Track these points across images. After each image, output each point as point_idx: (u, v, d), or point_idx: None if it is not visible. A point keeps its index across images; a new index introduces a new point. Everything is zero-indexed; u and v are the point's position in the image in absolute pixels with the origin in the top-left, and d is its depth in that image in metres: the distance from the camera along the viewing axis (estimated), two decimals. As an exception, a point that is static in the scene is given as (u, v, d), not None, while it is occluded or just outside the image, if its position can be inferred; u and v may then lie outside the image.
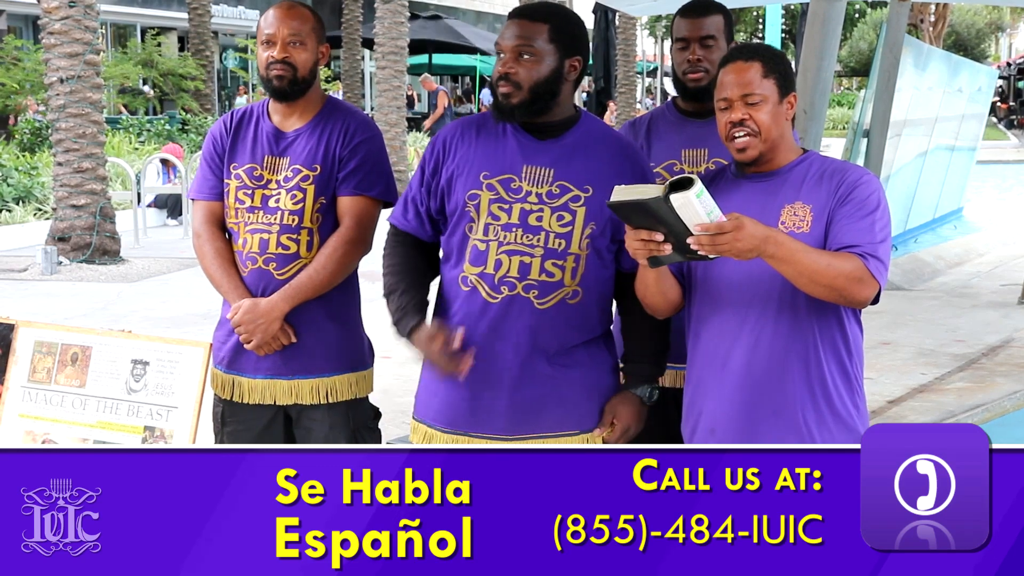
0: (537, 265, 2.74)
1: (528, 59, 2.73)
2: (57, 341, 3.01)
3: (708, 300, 2.76)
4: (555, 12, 2.80)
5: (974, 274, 10.51)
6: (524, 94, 2.73)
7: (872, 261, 2.61)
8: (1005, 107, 40.22)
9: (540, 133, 2.80)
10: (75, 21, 11.19)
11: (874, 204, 2.67)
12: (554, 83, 2.76)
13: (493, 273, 2.75)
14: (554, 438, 2.79)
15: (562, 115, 2.81)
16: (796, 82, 2.81)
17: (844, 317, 2.73)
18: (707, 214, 2.43)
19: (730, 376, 2.73)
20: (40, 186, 14.05)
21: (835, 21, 6.16)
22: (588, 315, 2.82)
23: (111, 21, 27.23)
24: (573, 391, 2.81)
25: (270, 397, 3.22)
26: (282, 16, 3.17)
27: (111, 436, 2.92)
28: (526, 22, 2.76)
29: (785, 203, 2.71)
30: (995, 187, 19.27)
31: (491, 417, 2.78)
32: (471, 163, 2.79)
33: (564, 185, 2.76)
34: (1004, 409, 6.31)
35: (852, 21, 41.58)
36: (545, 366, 2.77)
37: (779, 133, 2.71)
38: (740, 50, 2.78)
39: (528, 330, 2.75)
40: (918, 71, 11.97)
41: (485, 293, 2.75)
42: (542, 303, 2.75)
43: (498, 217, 2.75)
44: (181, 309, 9.15)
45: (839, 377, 2.73)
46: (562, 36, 2.77)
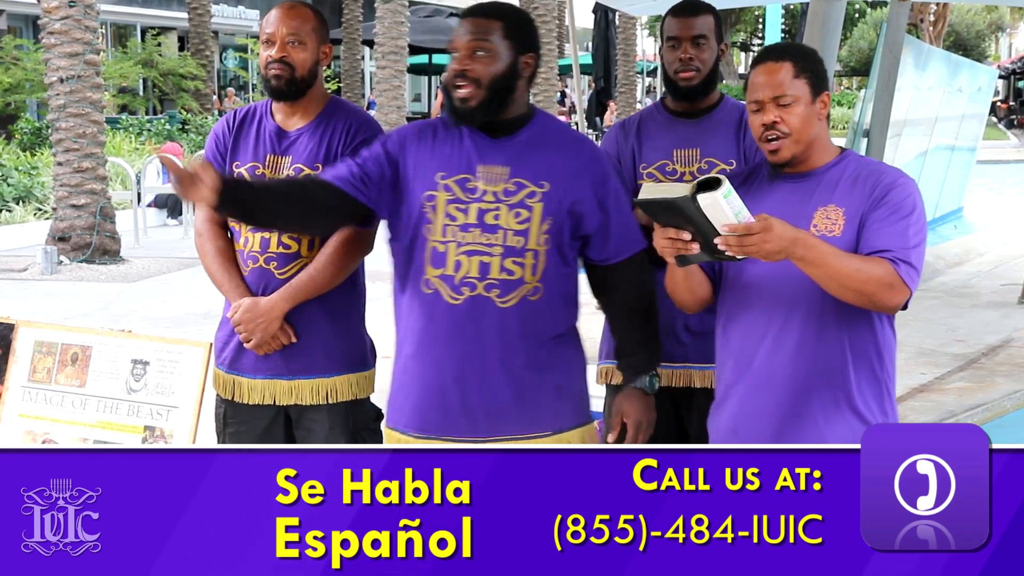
0: (497, 264, 2.74)
1: (483, 56, 2.74)
2: (57, 341, 3.01)
3: (738, 299, 2.74)
4: (508, 10, 2.81)
5: (974, 274, 10.51)
6: (483, 92, 2.73)
7: (903, 267, 2.56)
8: (1005, 107, 40.23)
9: (494, 131, 2.79)
10: (75, 21, 11.20)
11: (909, 208, 2.62)
12: (510, 79, 2.77)
13: (454, 274, 2.74)
14: (525, 439, 2.78)
15: (516, 112, 2.81)
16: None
17: (876, 322, 2.69)
18: (735, 215, 2.42)
19: (755, 378, 2.71)
20: (40, 186, 14.06)
21: (835, 21, 6.15)
22: (552, 311, 2.81)
23: (111, 21, 27.22)
24: (543, 391, 2.80)
25: (270, 397, 3.22)
26: (282, 16, 3.17)
27: (111, 436, 2.92)
28: (479, 20, 2.77)
29: (819, 205, 2.67)
30: (995, 187, 19.26)
31: (461, 420, 2.77)
32: (426, 165, 2.79)
33: (520, 182, 2.76)
34: (1004, 409, 6.31)
35: (852, 21, 41.55)
36: (513, 365, 2.77)
37: (812, 133, 2.67)
38: (771, 50, 2.73)
39: (492, 330, 2.74)
40: (918, 71, 11.97)
41: (447, 295, 2.75)
42: (504, 301, 2.74)
43: (455, 218, 2.75)
44: (181, 309, 9.15)
45: (868, 384, 2.69)
46: (516, 33, 2.78)
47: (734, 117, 3.41)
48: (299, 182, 2.83)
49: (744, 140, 3.36)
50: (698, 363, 3.41)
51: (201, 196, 2.58)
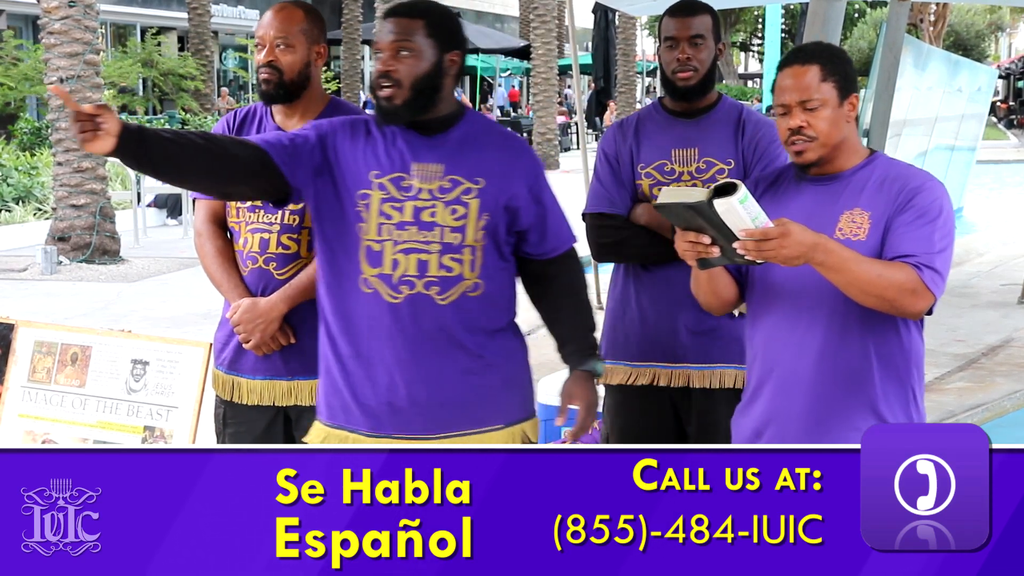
0: (435, 261, 2.73)
1: (407, 56, 2.72)
2: (57, 341, 3.01)
3: (763, 302, 2.73)
4: (430, 7, 2.79)
5: (974, 274, 10.50)
6: (406, 92, 2.71)
7: (927, 272, 2.54)
8: (1005, 107, 40.23)
9: (426, 130, 2.78)
10: (75, 21, 11.20)
11: (935, 212, 2.60)
12: (435, 78, 2.75)
13: (391, 273, 2.73)
14: (479, 434, 2.78)
15: (446, 110, 2.80)
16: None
17: (902, 327, 2.66)
18: (752, 220, 2.42)
19: (777, 382, 2.70)
20: (40, 186, 14.06)
21: (835, 21, 6.16)
22: (492, 306, 2.81)
23: (111, 21, 27.21)
24: (490, 385, 2.80)
25: (269, 398, 3.22)
26: (270, 18, 3.16)
27: (111, 436, 2.93)
28: (402, 19, 2.74)
29: (844, 209, 2.64)
30: (995, 187, 19.26)
31: (412, 418, 2.76)
32: (358, 163, 2.76)
33: (455, 179, 2.75)
34: (1004, 409, 6.31)
35: (852, 21, 41.54)
36: (457, 362, 2.76)
37: (840, 136, 2.64)
38: (798, 53, 2.70)
39: (434, 327, 2.74)
40: (918, 71, 11.98)
41: (386, 294, 2.74)
42: (443, 298, 2.74)
43: (391, 216, 2.73)
44: (181, 309, 9.15)
45: (893, 389, 2.67)
46: (439, 31, 2.76)
47: (732, 117, 3.42)
48: (220, 138, 2.70)
49: (742, 139, 3.37)
50: (697, 363, 3.41)
51: (98, 145, 2.43)
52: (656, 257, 3.39)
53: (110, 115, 2.44)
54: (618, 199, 3.42)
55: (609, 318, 3.55)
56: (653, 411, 3.47)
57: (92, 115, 2.41)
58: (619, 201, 3.42)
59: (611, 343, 3.52)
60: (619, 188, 3.43)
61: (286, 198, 2.78)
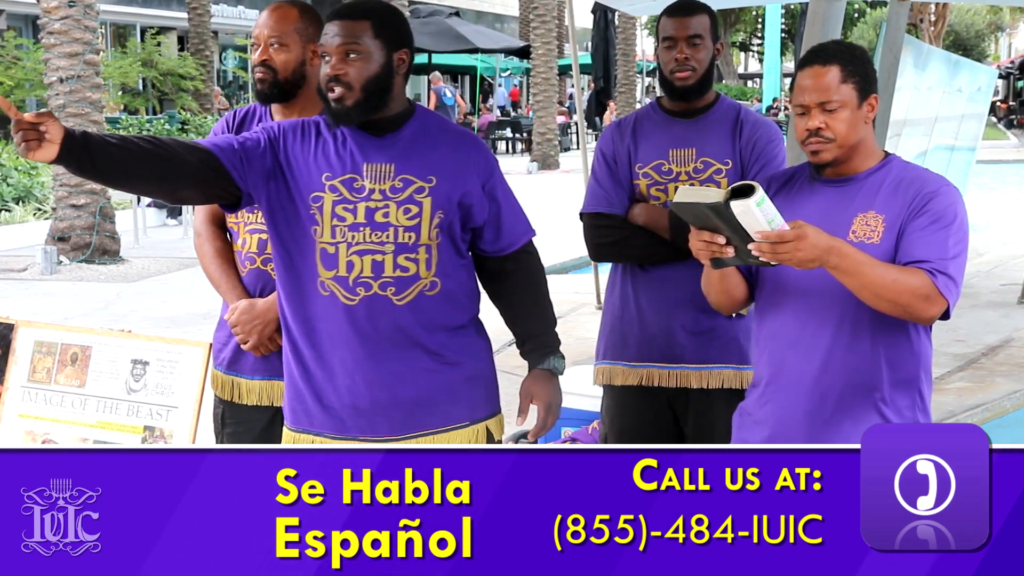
0: (390, 262, 2.72)
1: (356, 58, 2.70)
2: (57, 341, 3.01)
3: (773, 302, 2.72)
4: (375, 7, 2.77)
5: (974, 274, 10.49)
6: (357, 93, 2.70)
7: (941, 278, 2.53)
8: (1005, 107, 40.21)
9: (377, 130, 2.77)
10: (75, 21, 11.20)
11: (950, 217, 2.58)
12: (385, 78, 2.74)
13: (347, 275, 2.72)
14: (444, 433, 2.78)
15: (397, 109, 2.79)
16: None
17: (913, 332, 2.65)
18: (768, 222, 2.42)
19: (784, 383, 2.70)
20: (40, 186, 14.06)
21: (835, 21, 6.15)
22: (451, 304, 2.80)
23: (111, 21, 27.21)
24: (453, 383, 2.79)
25: (268, 398, 3.22)
26: (265, 18, 3.16)
27: (111, 436, 2.92)
28: (347, 21, 2.72)
29: (859, 211, 2.63)
30: (995, 187, 19.26)
31: (377, 419, 2.76)
32: (309, 166, 2.75)
33: (407, 179, 2.74)
34: (1004, 409, 6.31)
35: (852, 21, 41.54)
36: (418, 362, 2.76)
37: (857, 138, 2.63)
38: (818, 53, 2.66)
39: (392, 328, 2.73)
40: (918, 71, 11.97)
41: (343, 296, 2.73)
42: (401, 299, 2.73)
43: (344, 218, 2.72)
44: (181, 309, 9.15)
45: (902, 394, 2.66)
46: (386, 30, 2.74)
47: (730, 117, 3.41)
48: (168, 142, 2.64)
49: (740, 140, 3.37)
50: (694, 364, 3.41)
51: (41, 153, 2.37)
52: (654, 257, 3.39)
53: (53, 122, 2.39)
54: (616, 199, 3.42)
55: (607, 318, 3.55)
56: (651, 411, 3.47)
57: (34, 123, 2.37)
58: (617, 201, 3.42)
59: (609, 343, 3.52)
60: (617, 188, 3.43)
61: (237, 202, 2.76)
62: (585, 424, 4.62)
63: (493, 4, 42.84)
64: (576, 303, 8.69)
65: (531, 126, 25.01)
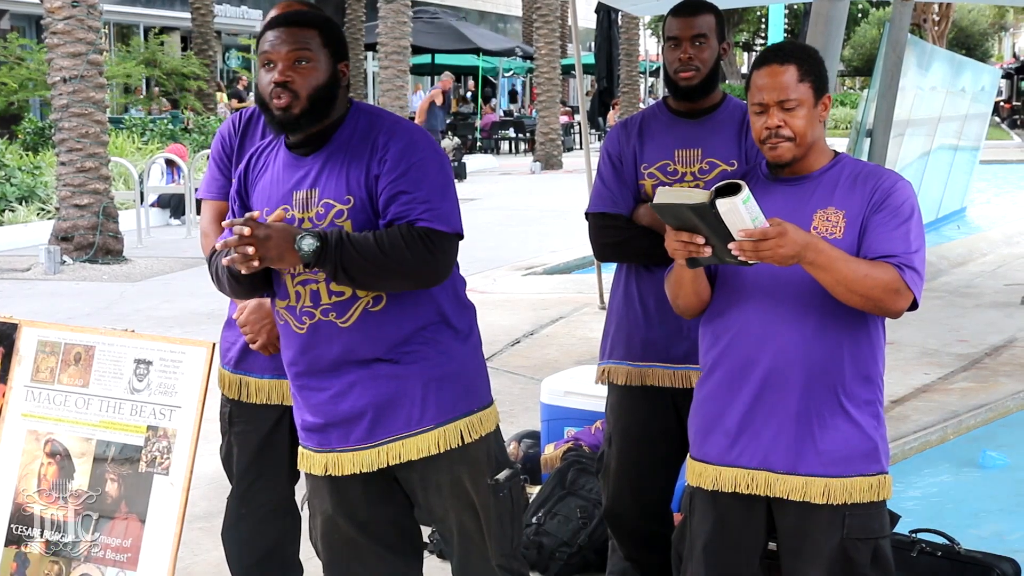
0: (324, 289, 2.69)
1: (305, 66, 2.64)
2: (60, 341, 3.01)
3: (732, 298, 2.73)
4: (320, 17, 2.72)
5: (977, 274, 10.49)
6: (303, 102, 2.64)
7: (908, 272, 2.57)
8: (1008, 107, 40.18)
9: (303, 148, 2.73)
10: (78, 21, 11.21)
11: (908, 212, 2.63)
12: (331, 88, 2.68)
13: (295, 305, 2.73)
14: (413, 437, 2.73)
15: (330, 119, 2.72)
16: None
17: (871, 324, 2.69)
18: (751, 220, 2.43)
19: (746, 377, 2.70)
20: (43, 186, 14.08)
21: (838, 21, 6.15)
22: (404, 310, 2.71)
23: (114, 21, 27.21)
24: (419, 386, 2.73)
25: (277, 397, 3.22)
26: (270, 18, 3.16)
27: (114, 436, 2.92)
28: (295, 29, 2.66)
29: (818, 208, 2.67)
30: (998, 187, 19.24)
31: (346, 431, 2.75)
32: (260, 197, 2.77)
33: (328, 203, 2.68)
34: (1007, 409, 6.30)
35: (855, 20, 41.52)
36: (374, 370, 2.71)
37: (814, 137, 2.67)
38: (775, 52, 2.70)
39: (342, 351, 2.71)
40: (921, 71, 11.96)
41: (294, 325, 2.75)
42: (344, 321, 2.70)
43: None
44: (184, 308, 9.16)
45: (861, 385, 2.69)
46: (332, 40, 2.69)
47: (736, 117, 3.41)
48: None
49: (746, 140, 3.36)
50: (699, 364, 3.40)
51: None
52: (659, 257, 3.36)
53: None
54: (621, 199, 3.42)
55: (611, 318, 3.55)
56: (655, 411, 3.46)
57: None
58: (622, 201, 3.41)
59: (613, 343, 3.52)
60: (622, 188, 3.42)
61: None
62: (589, 424, 4.62)
63: (496, 4, 42.81)
64: (580, 303, 8.67)
65: (534, 126, 25.00)
